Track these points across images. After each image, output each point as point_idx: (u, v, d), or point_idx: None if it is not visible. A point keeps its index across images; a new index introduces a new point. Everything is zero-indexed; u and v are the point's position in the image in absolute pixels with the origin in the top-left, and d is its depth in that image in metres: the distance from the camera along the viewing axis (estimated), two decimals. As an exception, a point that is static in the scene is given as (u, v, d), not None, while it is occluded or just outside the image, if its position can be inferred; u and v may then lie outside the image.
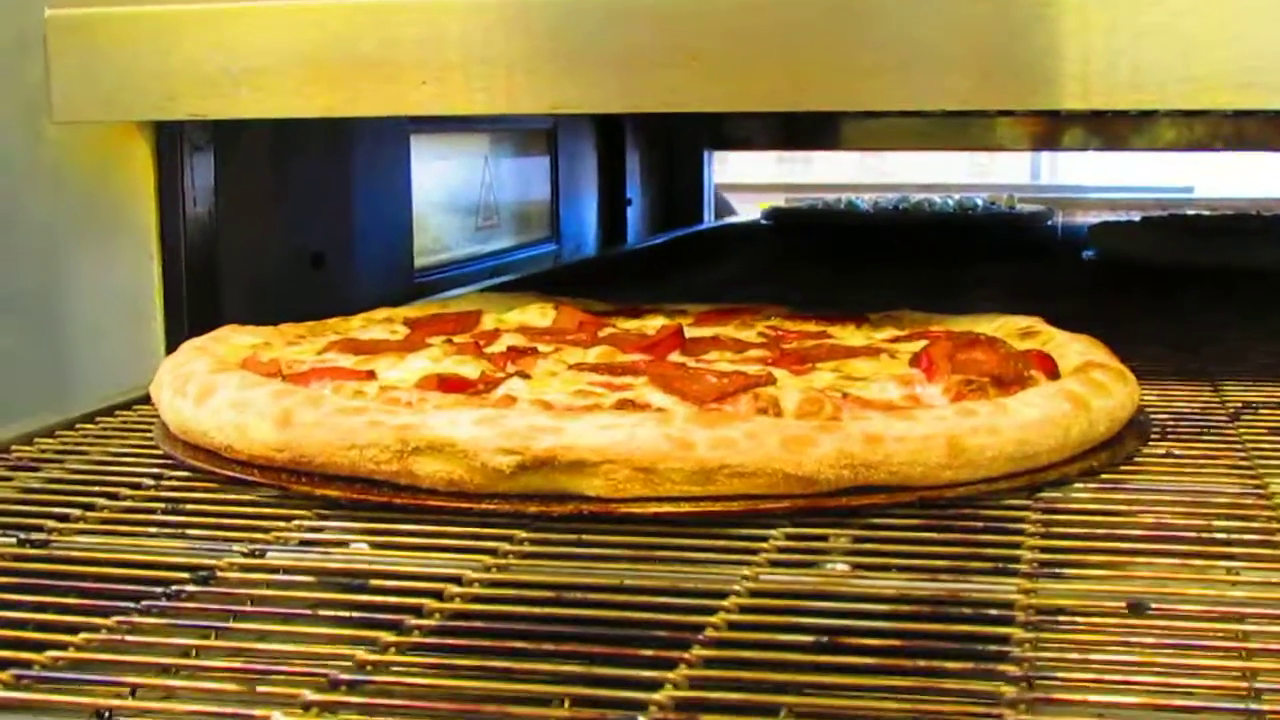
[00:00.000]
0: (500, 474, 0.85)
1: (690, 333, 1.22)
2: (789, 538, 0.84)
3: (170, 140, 1.39)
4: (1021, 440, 0.91)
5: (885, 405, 0.96)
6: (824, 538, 0.84)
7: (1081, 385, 0.98)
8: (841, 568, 0.80)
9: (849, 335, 1.25)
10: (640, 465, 0.84)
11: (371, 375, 1.02)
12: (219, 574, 0.78)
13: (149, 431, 1.06)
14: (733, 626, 0.69)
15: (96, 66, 1.27)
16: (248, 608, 0.74)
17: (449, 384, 0.98)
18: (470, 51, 1.18)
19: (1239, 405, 1.18)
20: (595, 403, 0.94)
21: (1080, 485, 0.94)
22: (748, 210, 3.70)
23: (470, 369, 1.04)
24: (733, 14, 1.12)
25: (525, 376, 1.01)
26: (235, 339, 1.15)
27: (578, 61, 1.16)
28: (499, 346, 1.15)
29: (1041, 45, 1.09)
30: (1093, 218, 3.56)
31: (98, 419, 1.14)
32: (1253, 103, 1.07)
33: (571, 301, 1.38)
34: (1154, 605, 0.72)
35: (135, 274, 1.41)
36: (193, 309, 1.43)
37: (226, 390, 0.96)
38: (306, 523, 0.87)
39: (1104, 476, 0.95)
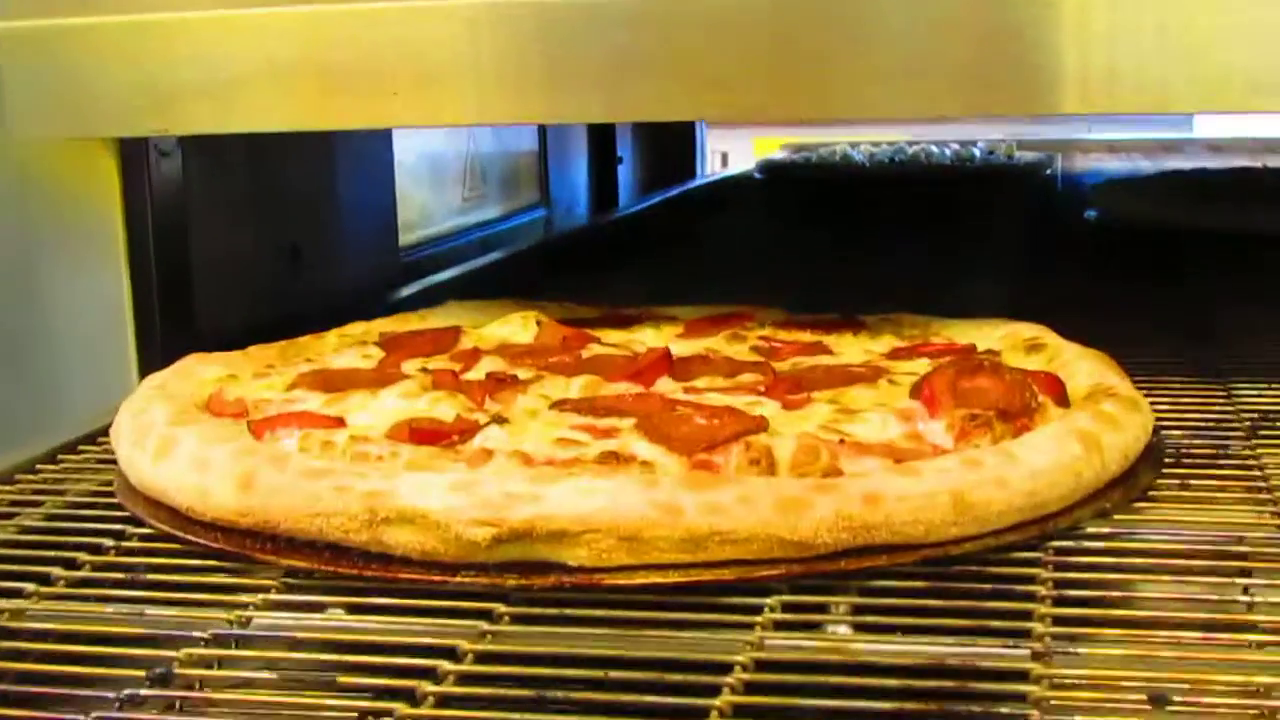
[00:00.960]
0: (477, 545, 0.80)
1: (679, 348, 1.17)
2: (785, 607, 0.78)
3: (135, 144, 1.33)
4: (1031, 491, 0.85)
5: (885, 448, 0.91)
6: (823, 606, 0.79)
7: (1092, 422, 0.93)
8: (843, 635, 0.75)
9: (846, 346, 1.20)
10: (625, 534, 0.79)
11: (341, 423, 0.96)
12: (176, 670, 0.73)
13: (111, 475, 1.01)
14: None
15: (52, 81, 1.21)
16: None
17: (421, 434, 0.92)
18: (447, 62, 1.12)
19: (1255, 416, 1.13)
20: (577, 455, 0.88)
21: (1093, 530, 0.88)
22: (741, 160, 3.66)
23: (445, 408, 0.98)
24: (721, 22, 1.06)
25: (503, 421, 0.95)
26: (200, 371, 1.09)
27: (561, 71, 1.11)
28: (478, 374, 1.09)
29: (1039, 48, 1.04)
30: (1093, 161, 3.51)
31: (59, 458, 1.09)
32: (1263, 106, 1.02)
33: (556, 306, 1.33)
34: (1176, 698, 0.67)
35: (104, 284, 1.35)
36: (165, 316, 1.38)
37: (186, 445, 0.91)
38: (272, 596, 0.82)
39: (1117, 518, 0.90)
